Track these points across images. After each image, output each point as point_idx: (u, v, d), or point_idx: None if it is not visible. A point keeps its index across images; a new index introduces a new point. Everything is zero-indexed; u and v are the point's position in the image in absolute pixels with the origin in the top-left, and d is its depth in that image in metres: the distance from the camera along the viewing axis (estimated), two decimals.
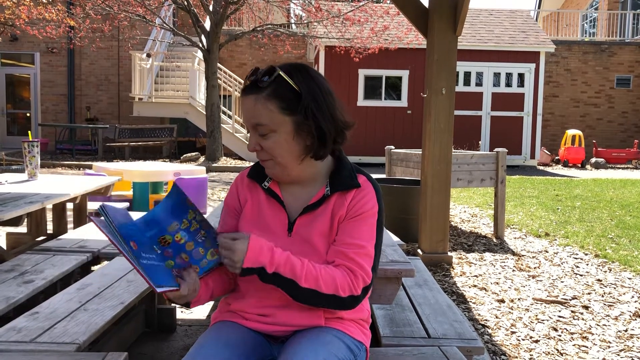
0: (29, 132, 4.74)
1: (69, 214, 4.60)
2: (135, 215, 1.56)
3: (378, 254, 1.41)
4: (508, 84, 14.23)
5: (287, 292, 1.32)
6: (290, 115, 1.34)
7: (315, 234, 1.39)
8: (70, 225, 4.61)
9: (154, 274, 1.24)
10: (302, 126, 1.34)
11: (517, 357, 2.71)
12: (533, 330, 3.06)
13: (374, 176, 1.52)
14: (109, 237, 1.22)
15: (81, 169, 11.84)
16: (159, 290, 1.21)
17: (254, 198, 1.48)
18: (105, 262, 3.07)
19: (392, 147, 6.38)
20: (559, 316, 3.29)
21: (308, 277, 1.31)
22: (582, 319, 3.25)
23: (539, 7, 23.66)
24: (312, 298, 1.33)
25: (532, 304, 3.51)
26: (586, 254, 4.85)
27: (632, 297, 3.69)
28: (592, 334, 3.02)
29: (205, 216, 1.43)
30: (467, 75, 14.10)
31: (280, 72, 1.33)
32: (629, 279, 4.12)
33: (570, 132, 14.90)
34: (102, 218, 1.28)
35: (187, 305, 1.35)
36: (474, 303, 3.52)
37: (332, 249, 1.38)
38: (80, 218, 4.56)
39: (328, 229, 1.40)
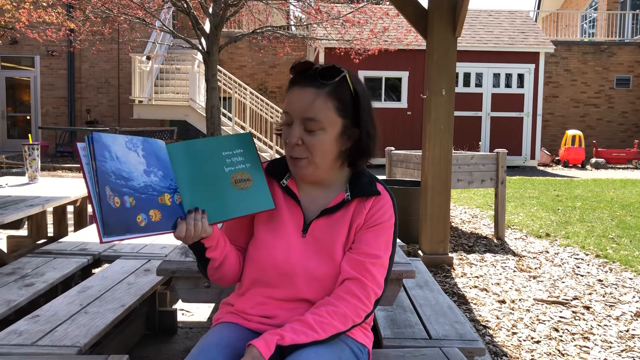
0: (29, 135, 4.74)
1: (70, 217, 4.60)
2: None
3: (391, 265, 1.43)
4: (508, 85, 14.23)
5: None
6: (343, 117, 1.35)
7: (333, 240, 1.39)
8: (70, 228, 4.62)
9: (116, 219, 1.16)
10: (348, 131, 1.37)
11: (518, 358, 2.71)
12: (534, 331, 3.05)
13: None
14: (84, 170, 1.18)
15: (81, 171, 11.84)
16: (104, 240, 1.15)
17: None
18: (106, 265, 3.07)
19: (392, 148, 6.38)
20: (560, 317, 3.29)
21: (324, 328, 1.31)
22: (584, 320, 3.25)
23: (538, 8, 23.68)
24: (335, 336, 1.34)
25: (533, 305, 3.51)
26: (587, 255, 4.85)
27: (633, 297, 3.68)
28: (594, 335, 3.02)
29: None
30: (467, 76, 14.11)
31: (347, 74, 1.35)
32: (630, 279, 4.12)
33: (570, 132, 14.90)
34: (86, 147, 1.18)
35: (202, 246, 1.34)
36: (475, 304, 3.51)
37: (348, 256, 1.38)
38: (81, 221, 4.57)
39: (346, 236, 1.40)
